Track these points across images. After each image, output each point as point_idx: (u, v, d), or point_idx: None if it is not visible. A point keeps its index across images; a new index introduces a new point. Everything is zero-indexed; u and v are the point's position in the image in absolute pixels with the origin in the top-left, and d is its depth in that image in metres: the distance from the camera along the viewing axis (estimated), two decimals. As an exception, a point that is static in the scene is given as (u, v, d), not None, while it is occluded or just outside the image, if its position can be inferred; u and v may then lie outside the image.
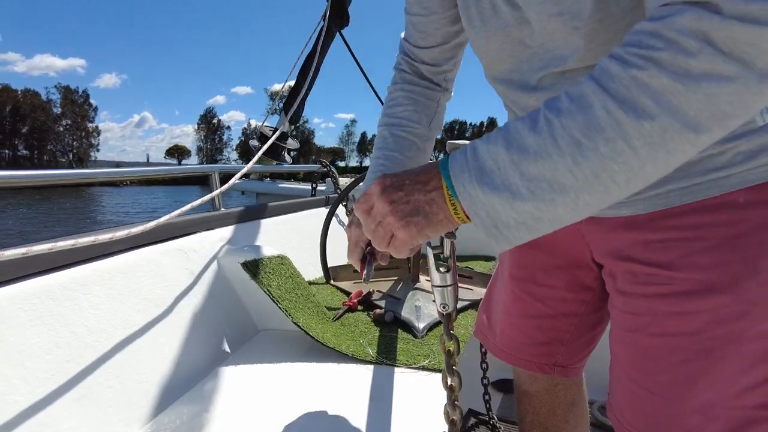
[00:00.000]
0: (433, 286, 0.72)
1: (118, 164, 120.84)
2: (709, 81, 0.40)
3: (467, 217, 0.53)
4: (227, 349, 1.37)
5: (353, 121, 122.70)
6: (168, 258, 1.34)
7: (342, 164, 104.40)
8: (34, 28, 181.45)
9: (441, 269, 0.71)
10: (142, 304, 1.17)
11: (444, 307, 0.73)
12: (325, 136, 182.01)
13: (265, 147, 1.78)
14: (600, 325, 0.95)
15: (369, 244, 0.82)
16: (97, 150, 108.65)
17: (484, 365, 1.52)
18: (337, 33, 2.48)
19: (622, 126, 0.43)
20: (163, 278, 1.28)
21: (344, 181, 2.89)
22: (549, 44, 0.65)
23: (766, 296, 0.60)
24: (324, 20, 2.39)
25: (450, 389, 0.75)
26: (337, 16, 2.40)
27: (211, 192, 1.74)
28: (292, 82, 2.51)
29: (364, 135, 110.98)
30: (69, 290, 1.01)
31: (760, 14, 0.37)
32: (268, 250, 1.53)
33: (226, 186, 1.51)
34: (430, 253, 0.71)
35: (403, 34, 0.95)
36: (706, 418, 0.65)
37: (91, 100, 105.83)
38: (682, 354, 0.65)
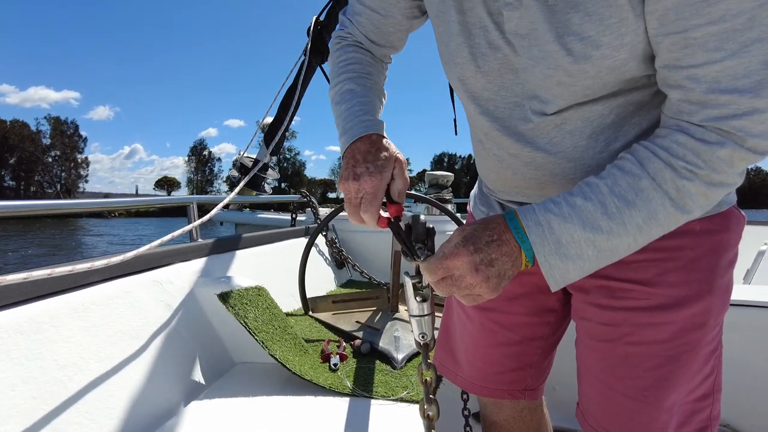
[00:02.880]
0: (411, 315, 0.73)
1: (106, 195, 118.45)
2: (724, 186, 0.61)
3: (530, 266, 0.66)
4: (203, 382, 1.34)
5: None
6: (144, 289, 1.32)
7: (333, 195, 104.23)
8: (30, 61, 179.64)
9: (418, 298, 0.72)
10: (116, 337, 1.15)
11: (423, 337, 0.74)
12: (316, 168, 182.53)
13: (244, 181, 1.80)
14: (559, 342, 1.00)
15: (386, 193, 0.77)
16: (86, 181, 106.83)
17: (465, 396, 1.51)
18: (318, 67, 2.53)
19: (671, 217, 0.62)
20: (138, 310, 1.26)
21: (324, 212, 2.90)
22: (540, 91, 0.71)
23: (716, 310, 0.75)
24: (305, 55, 2.45)
25: (428, 419, 0.75)
26: (317, 51, 2.46)
27: (189, 223, 1.74)
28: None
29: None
30: (39, 323, 0.99)
31: (765, 149, 0.58)
32: (245, 281, 1.52)
33: (204, 218, 1.51)
34: (409, 283, 0.72)
35: (345, 13, 0.93)
36: (670, 416, 0.75)
37: (82, 132, 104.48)
38: (655, 360, 0.75)
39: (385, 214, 0.76)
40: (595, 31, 0.61)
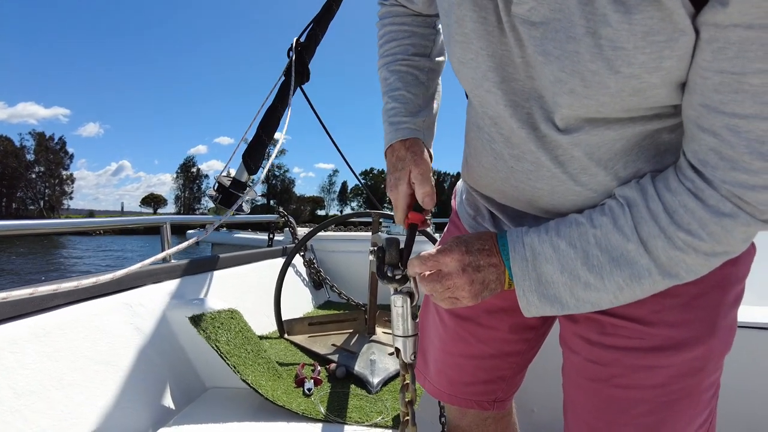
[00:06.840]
0: (405, 336, 0.73)
1: (91, 212, 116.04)
2: (727, 255, 0.56)
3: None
4: (172, 407, 1.30)
5: (335, 171, 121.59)
6: (112, 313, 1.29)
7: (322, 213, 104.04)
8: (20, 76, 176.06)
9: (411, 317, 0.73)
10: (80, 362, 1.11)
11: (413, 357, 0.74)
12: (305, 185, 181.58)
13: (224, 217, 1.79)
14: (535, 356, 0.97)
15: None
16: (70, 198, 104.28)
17: (443, 419, 1.49)
18: (298, 88, 2.54)
19: (657, 283, 0.58)
20: (105, 334, 1.22)
21: (302, 231, 2.87)
22: (547, 95, 0.61)
23: (717, 353, 0.68)
24: (286, 76, 2.46)
25: None
26: (298, 72, 2.47)
27: (163, 243, 1.70)
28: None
29: (345, 185, 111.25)
30: None
31: None
32: (218, 304, 1.49)
33: (181, 246, 1.48)
34: (400, 302, 0.73)
35: None
36: None
37: (68, 148, 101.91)
38: (646, 406, 0.69)
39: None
40: (633, 45, 0.49)
